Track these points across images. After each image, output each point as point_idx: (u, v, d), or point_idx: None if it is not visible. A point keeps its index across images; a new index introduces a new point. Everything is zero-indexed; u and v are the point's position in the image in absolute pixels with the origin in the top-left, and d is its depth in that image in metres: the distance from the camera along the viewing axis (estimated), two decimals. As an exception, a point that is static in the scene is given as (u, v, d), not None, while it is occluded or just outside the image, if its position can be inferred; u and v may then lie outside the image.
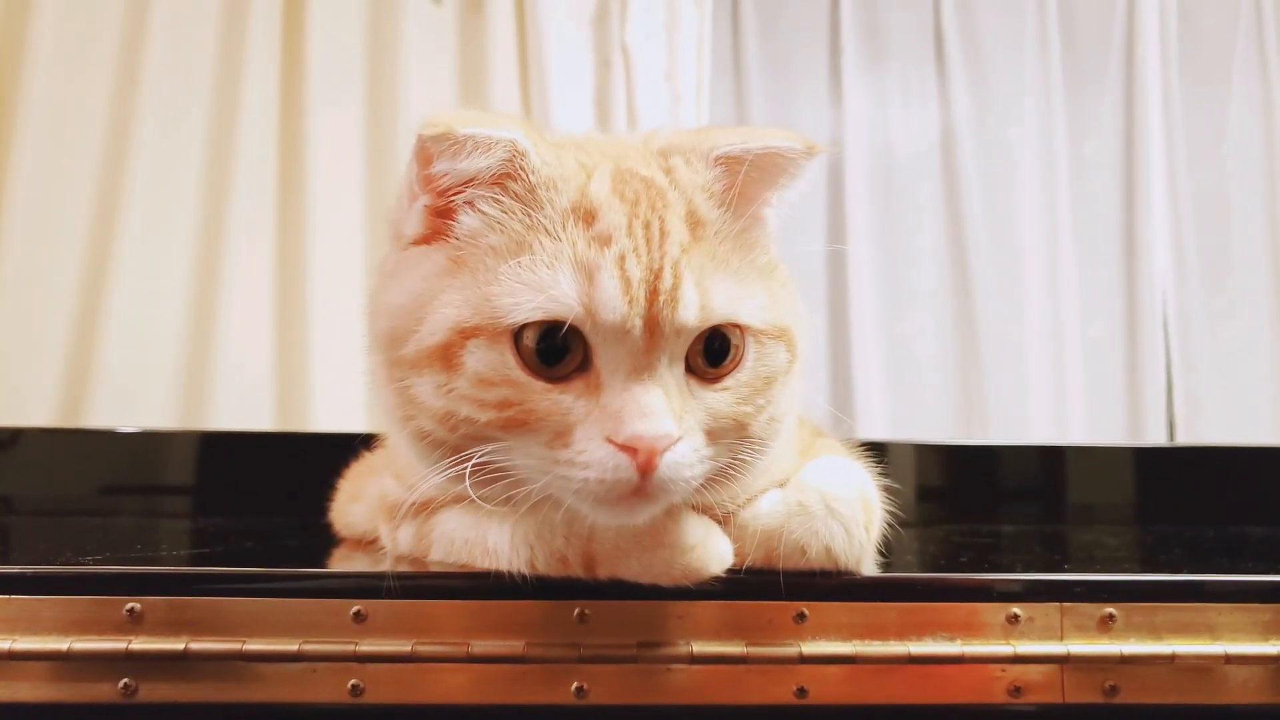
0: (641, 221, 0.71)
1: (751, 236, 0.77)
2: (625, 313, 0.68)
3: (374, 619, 0.80)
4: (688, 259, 0.70)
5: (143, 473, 1.58)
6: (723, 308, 0.71)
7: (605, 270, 0.68)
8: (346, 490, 1.14)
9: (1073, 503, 1.61)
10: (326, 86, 1.87)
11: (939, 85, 2.21)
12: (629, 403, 0.68)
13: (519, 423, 0.70)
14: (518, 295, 0.68)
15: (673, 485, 0.69)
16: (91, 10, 1.83)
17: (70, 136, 1.79)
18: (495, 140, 0.70)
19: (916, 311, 2.15)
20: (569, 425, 0.69)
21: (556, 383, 0.70)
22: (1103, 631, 0.82)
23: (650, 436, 0.67)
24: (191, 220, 1.82)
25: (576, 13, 1.96)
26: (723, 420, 0.72)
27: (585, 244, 0.70)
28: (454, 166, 0.72)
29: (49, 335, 1.74)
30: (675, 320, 0.69)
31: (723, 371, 0.73)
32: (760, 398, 0.74)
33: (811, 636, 0.81)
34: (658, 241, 0.70)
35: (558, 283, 0.68)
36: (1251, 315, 2.15)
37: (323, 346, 1.80)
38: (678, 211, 0.73)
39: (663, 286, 0.69)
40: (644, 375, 0.69)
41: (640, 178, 0.74)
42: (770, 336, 0.75)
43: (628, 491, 0.68)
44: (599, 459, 0.67)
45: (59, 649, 0.78)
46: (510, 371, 0.69)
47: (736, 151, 0.75)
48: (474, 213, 0.73)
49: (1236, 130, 2.21)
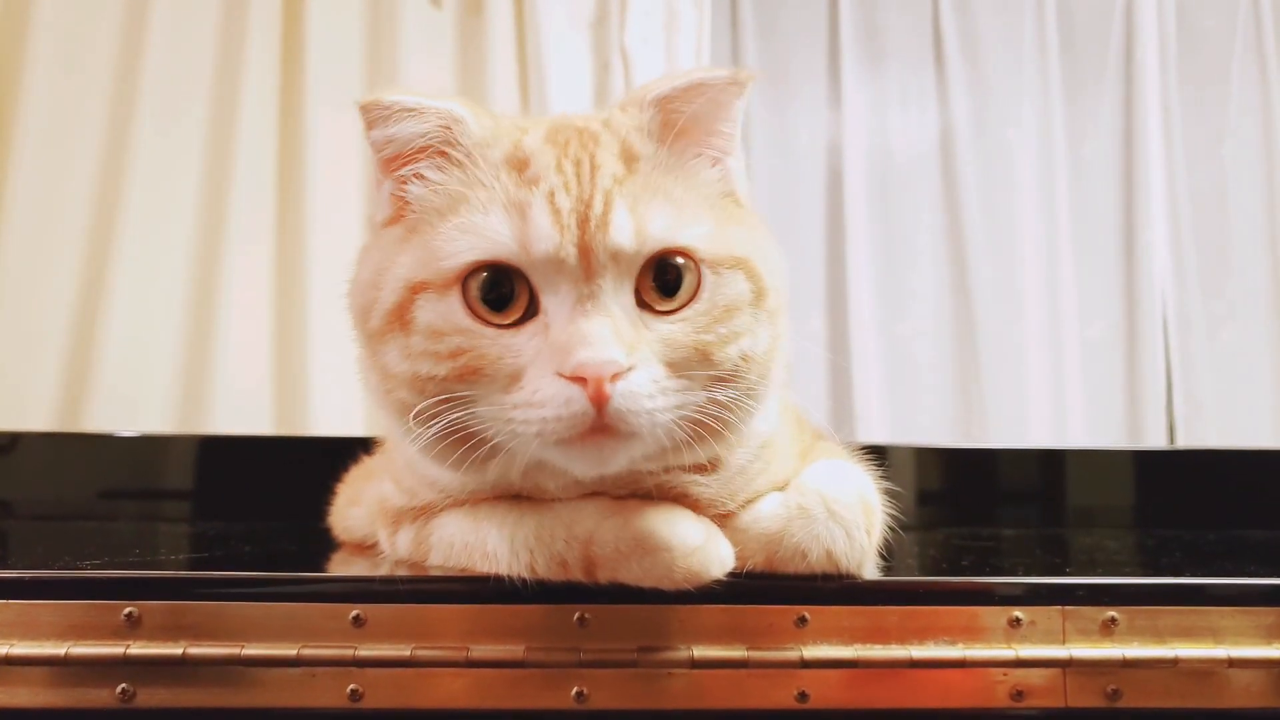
0: (571, 159, 0.73)
1: (696, 171, 0.78)
2: (558, 241, 0.69)
3: (373, 623, 0.80)
4: (621, 188, 0.72)
5: (142, 477, 1.57)
6: (660, 232, 0.72)
7: (535, 205, 0.71)
8: (345, 494, 1.14)
9: (1073, 506, 1.61)
10: (325, 89, 1.87)
11: (938, 87, 2.21)
12: (574, 334, 0.68)
13: (473, 370, 0.71)
14: (456, 242, 0.71)
15: (632, 417, 0.68)
16: (90, 12, 1.82)
17: (69, 140, 1.79)
18: (426, 108, 0.74)
19: (915, 313, 2.15)
20: (521, 368, 0.70)
21: (507, 328, 0.71)
22: (1105, 635, 0.82)
23: (595, 363, 0.67)
24: (190, 223, 1.81)
25: (575, 16, 1.96)
26: (682, 350, 0.72)
27: (515, 186, 0.72)
28: (386, 133, 0.75)
29: (48, 338, 1.74)
30: (609, 243, 0.70)
31: (678, 304, 0.73)
32: (721, 326, 0.73)
33: (813, 640, 0.81)
34: (588, 175, 0.72)
35: (490, 224, 0.71)
36: (1251, 317, 2.15)
37: (321, 350, 1.79)
38: (611, 149, 0.75)
39: (593, 214, 0.70)
40: (587, 305, 0.70)
41: (574, 127, 0.77)
42: (726, 266, 0.75)
43: (586, 427, 0.68)
44: (551, 395, 0.68)
45: (57, 654, 0.78)
46: (459, 320, 0.71)
47: (667, 90, 0.76)
48: (420, 182, 0.76)
49: (1235, 132, 2.21)
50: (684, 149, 0.77)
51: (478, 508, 0.86)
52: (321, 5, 1.89)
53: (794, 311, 0.87)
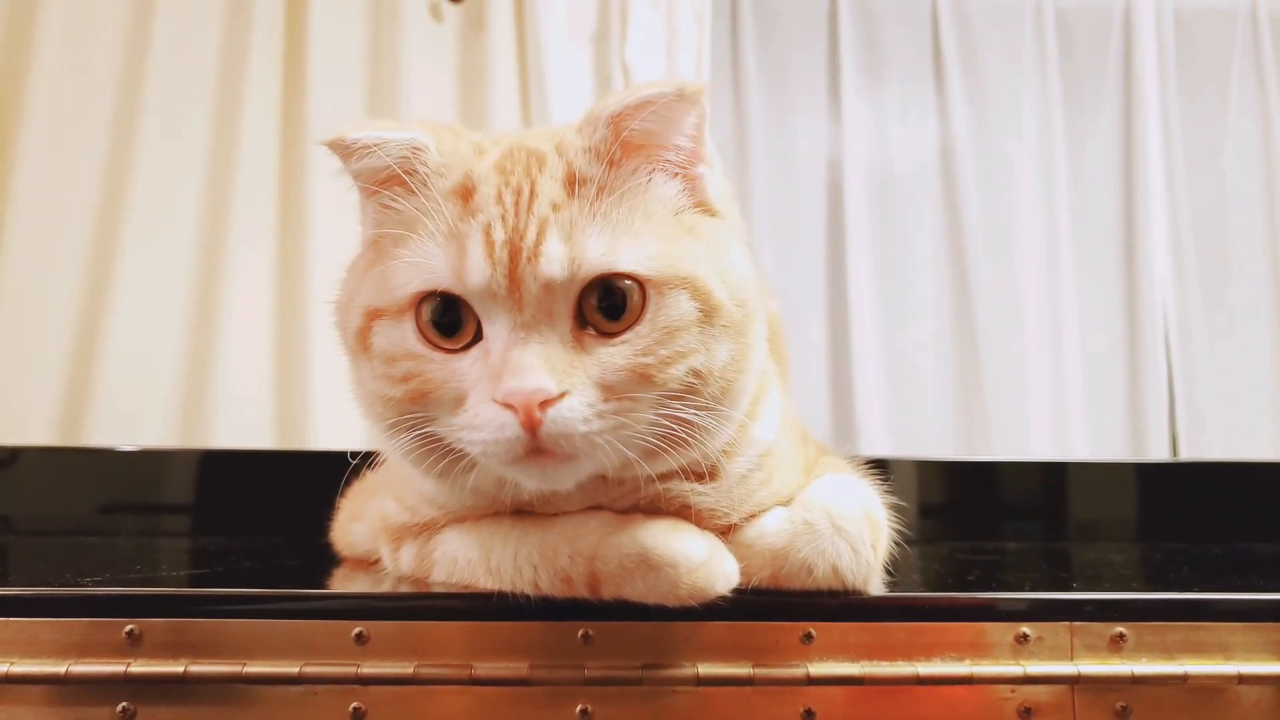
0: (512, 189, 0.73)
1: (648, 189, 0.77)
2: (489, 274, 0.71)
3: (376, 640, 0.80)
4: (558, 216, 0.72)
5: (142, 492, 1.57)
6: (597, 258, 0.72)
7: (472, 238, 0.72)
8: (348, 510, 1.13)
9: (1076, 519, 1.60)
10: (328, 103, 1.87)
11: (937, 100, 2.21)
12: (505, 362, 0.70)
13: (422, 394, 0.73)
14: (405, 273, 0.74)
15: (565, 441, 0.69)
16: (95, 22, 1.83)
17: (71, 153, 1.79)
18: (386, 141, 0.75)
19: (917, 325, 2.15)
20: (465, 391, 0.72)
21: (455, 353, 0.73)
22: (1114, 651, 0.81)
23: (523, 391, 0.68)
24: (192, 237, 1.82)
25: (577, 30, 1.96)
26: (619, 374, 0.72)
27: (458, 218, 0.73)
28: (352, 167, 0.78)
29: (48, 352, 1.74)
30: (539, 274, 0.71)
31: (620, 326, 0.73)
32: (662, 348, 0.72)
33: (819, 657, 0.80)
34: (526, 204, 0.73)
35: (432, 256, 0.73)
36: (1253, 327, 2.15)
37: (323, 363, 1.79)
38: (555, 174, 0.75)
39: (525, 244, 0.71)
40: (523, 334, 0.71)
41: (527, 150, 0.77)
42: (670, 286, 0.74)
43: (523, 450, 0.70)
44: (488, 419, 0.70)
45: (57, 672, 0.77)
46: (410, 345, 0.74)
47: (617, 109, 0.75)
48: (382, 209, 0.78)
49: (1234, 143, 2.22)
50: (635, 167, 0.77)
51: (480, 524, 0.85)
52: (324, 19, 1.89)
53: (795, 323, 0.87)
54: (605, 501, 0.82)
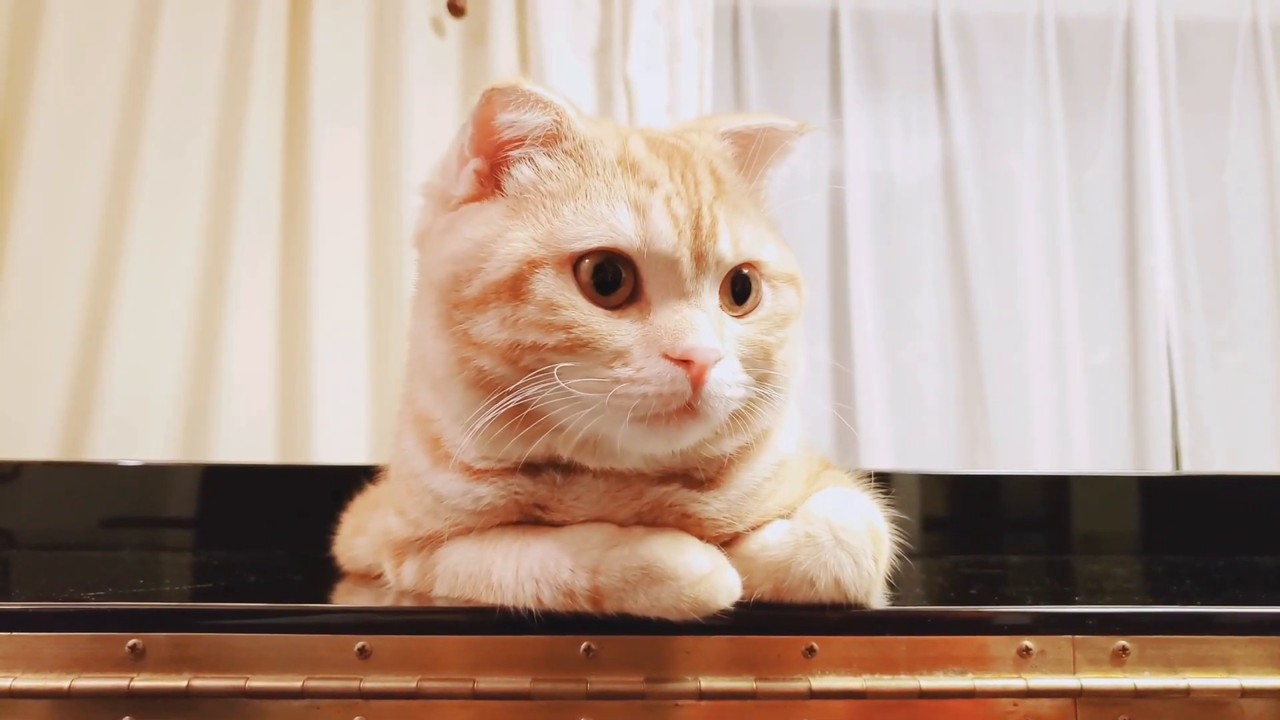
0: (679, 172, 0.81)
1: (759, 199, 0.89)
2: (675, 243, 0.77)
3: (378, 655, 0.80)
4: (719, 205, 0.80)
5: (145, 506, 1.57)
6: (749, 247, 0.81)
7: (655, 208, 0.77)
8: (350, 523, 1.14)
9: (1079, 532, 1.60)
10: (330, 117, 1.88)
11: (939, 114, 2.22)
12: (682, 322, 0.75)
13: (582, 344, 0.75)
14: (582, 228, 0.77)
15: (716, 401, 0.75)
16: (98, 40, 1.84)
17: (75, 169, 1.80)
18: (550, 101, 0.80)
19: (919, 339, 2.14)
20: (625, 347, 0.75)
21: (611, 310, 0.77)
22: (1116, 665, 0.81)
23: (703, 349, 0.74)
24: (195, 252, 1.82)
25: (579, 44, 1.97)
26: (752, 348, 0.80)
27: (635, 186, 0.79)
28: (517, 117, 0.81)
29: (52, 368, 1.74)
30: (716, 252, 0.78)
31: (747, 309, 0.82)
32: (780, 330, 0.82)
33: (821, 671, 0.80)
34: (694, 188, 0.80)
35: (616, 216, 0.77)
36: (1256, 341, 2.15)
37: (326, 379, 1.79)
38: (704, 168, 0.83)
39: (704, 223, 0.78)
40: (690, 300, 0.77)
41: (668, 143, 0.85)
42: (783, 280, 0.84)
43: (680, 405, 0.74)
44: (657, 373, 0.73)
45: (60, 687, 0.77)
46: (574, 297, 0.76)
47: (739, 127, 0.87)
48: (529, 166, 0.81)
49: (1236, 157, 2.22)
50: (750, 177, 0.87)
51: (482, 538, 0.86)
52: (326, 34, 1.90)
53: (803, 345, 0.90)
54: (609, 510, 0.83)
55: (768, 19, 2.22)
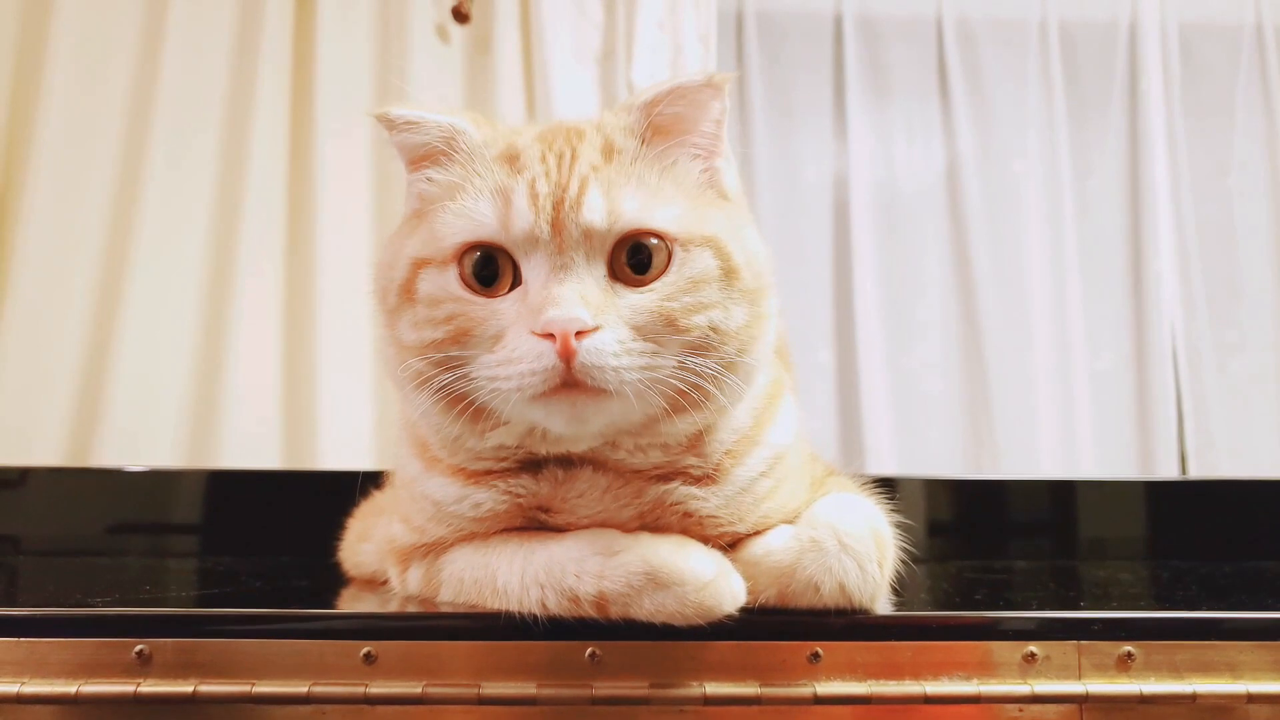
0: (555, 153, 0.82)
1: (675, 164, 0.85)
2: (533, 220, 0.77)
3: (384, 660, 0.80)
4: (597, 175, 0.80)
5: (151, 512, 1.57)
6: (632, 213, 0.79)
7: (517, 191, 0.79)
8: (356, 529, 1.14)
9: (1085, 537, 1.60)
10: (335, 124, 1.88)
11: (943, 119, 2.22)
12: (545, 296, 0.76)
13: (464, 332, 0.78)
14: (451, 225, 0.81)
15: (598, 372, 0.74)
16: (104, 45, 1.85)
17: (80, 175, 1.81)
18: (426, 122, 0.85)
19: (924, 345, 2.14)
20: (503, 330, 0.77)
21: (494, 297, 0.79)
22: (1121, 670, 0.81)
23: (562, 319, 0.73)
24: (200, 259, 1.82)
25: (582, 51, 1.98)
26: (648, 315, 0.77)
27: (505, 175, 0.81)
28: (397, 139, 0.86)
29: (58, 375, 1.74)
30: (580, 221, 0.78)
31: (649, 277, 0.79)
32: (687, 296, 0.79)
33: (826, 676, 0.80)
34: (568, 164, 0.81)
35: (480, 209, 0.80)
36: (1261, 346, 2.14)
37: (331, 385, 1.79)
38: (594, 144, 0.83)
39: (568, 195, 0.78)
40: (560, 274, 0.77)
41: (565, 127, 0.86)
42: (695, 244, 0.81)
43: (557, 381, 0.74)
44: (525, 350, 0.74)
45: (67, 692, 0.77)
46: (454, 290, 0.79)
47: (651, 96, 0.84)
48: (428, 182, 0.86)
49: (1241, 162, 2.22)
50: (665, 145, 0.84)
51: (487, 544, 0.86)
52: (331, 41, 1.91)
53: (802, 343, 0.89)
54: (612, 510, 0.83)
55: (771, 25, 2.22)
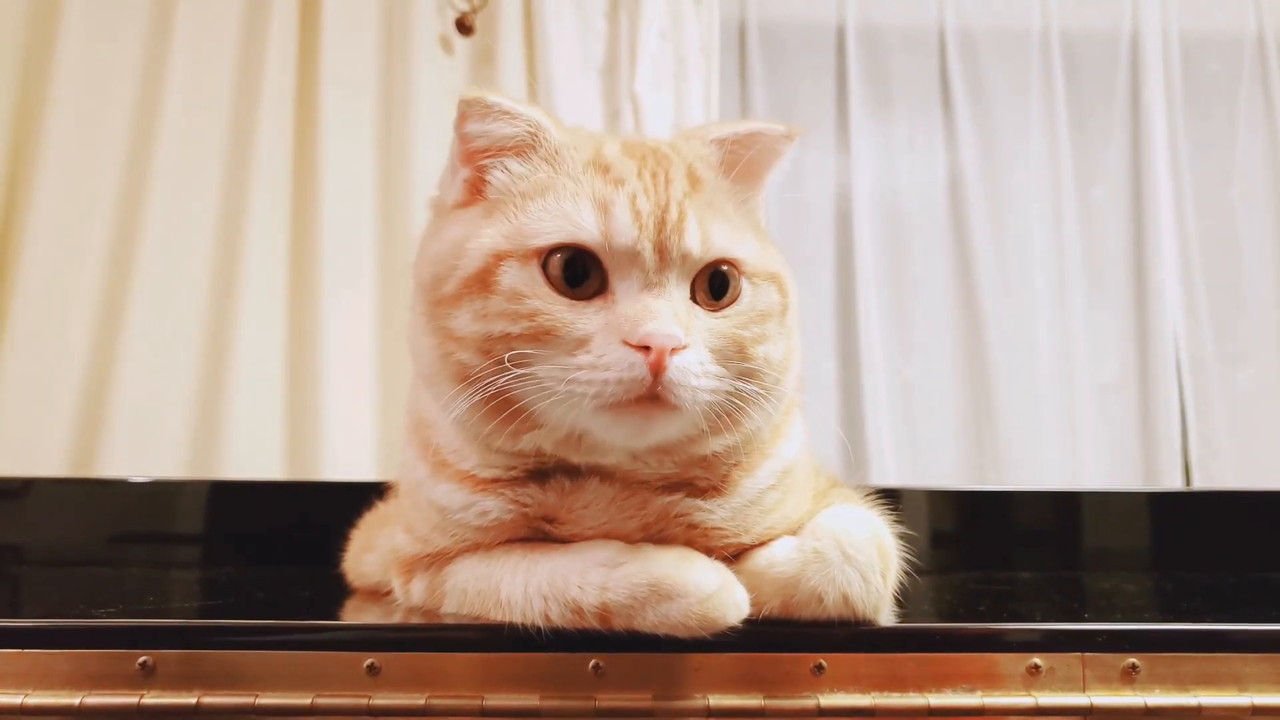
0: (649, 171, 0.83)
1: (745, 202, 0.90)
2: (636, 236, 0.78)
3: (388, 672, 0.80)
4: (689, 201, 0.81)
5: (154, 522, 1.57)
6: (720, 242, 0.81)
7: (619, 204, 0.79)
8: (359, 540, 1.14)
9: (1089, 548, 1.59)
10: (339, 135, 1.89)
11: (945, 129, 2.22)
12: (641, 309, 0.76)
13: (546, 331, 0.77)
14: (545, 223, 0.80)
15: (681, 390, 0.75)
16: (110, 57, 1.86)
17: (85, 189, 1.81)
18: (518, 114, 0.83)
19: (926, 355, 2.14)
20: (588, 334, 0.77)
21: (577, 301, 0.79)
22: (1126, 683, 0.81)
23: (660, 334, 0.74)
24: (204, 269, 1.83)
25: (586, 63, 1.98)
26: (724, 339, 0.80)
27: (603, 184, 0.81)
28: (484, 127, 0.84)
29: (62, 386, 1.75)
30: (681, 245, 0.79)
31: (724, 304, 0.82)
32: (756, 326, 0.82)
33: (830, 688, 0.80)
34: (664, 186, 0.82)
35: (579, 212, 0.79)
36: (1265, 357, 2.14)
37: (335, 396, 1.80)
38: (680, 169, 0.84)
39: (669, 218, 0.80)
40: (655, 290, 0.78)
41: (647, 146, 0.87)
42: (763, 278, 0.85)
43: (642, 393, 0.74)
44: (616, 359, 0.74)
45: (71, 704, 0.77)
46: (538, 288, 0.78)
47: (727, 134, 0.88)
48: (504, 171, 0.84)
49: (1243, 173, 2.22)
50: (736, 183, 0.88)
51: (490, 555, 0.86)
52: (335, 52, 1.91)
53: (805, 355, 0.90)
54: (617, 520, 0.83)
55: (774, 36, 2.23)
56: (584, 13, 2.00)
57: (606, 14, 2.01)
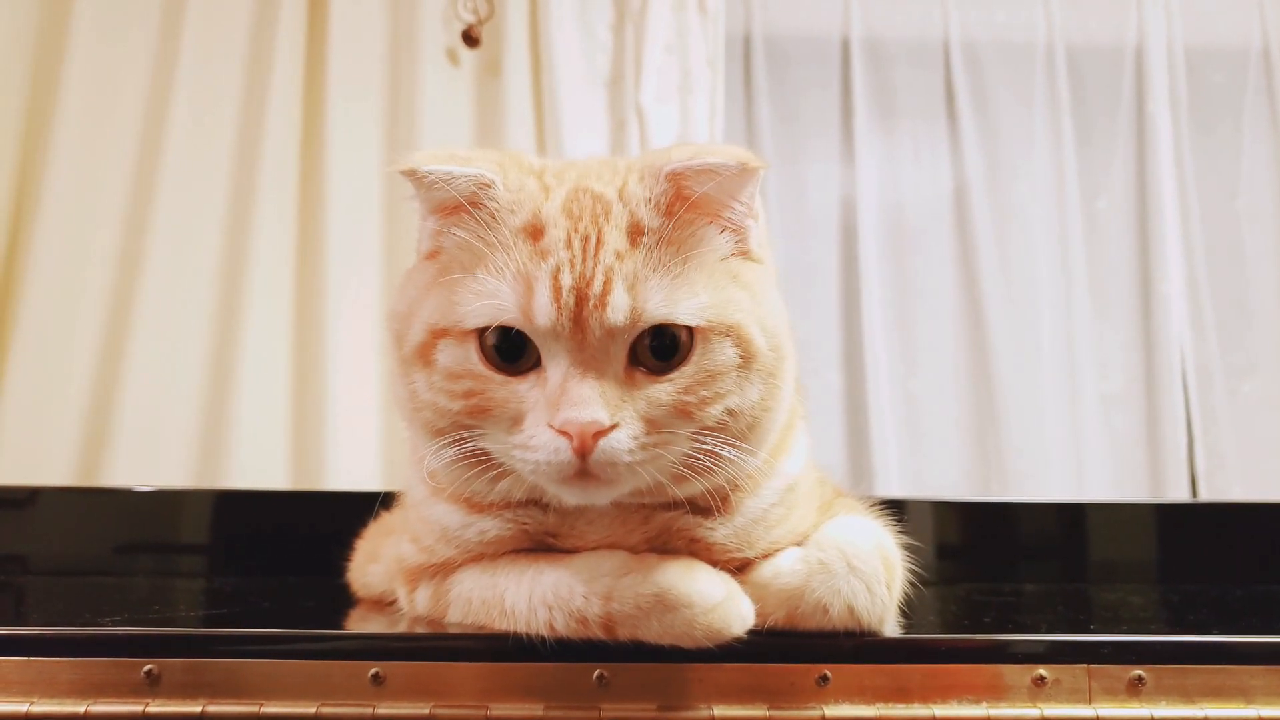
0: (580, 235, 0.78)
1: (702, 240, 0.82)
2: (555, 318, 0.75)
3: (392, 681, 0.80)
4: (622, 265, 0.77)
5: (159, 532, 1.58)
6: (656, 309, 0.77)
7: (540, 281, 0.77)
8: (364, 550, 1.14)
9: (1095, 560, 1.59)
10: (345, 146, 1.90)
11: (950, 141, 2.22)
12: (564, 393, 0.75)
13: (482, 410, 0.78)
14: (471, 303, 0.78)
15: (612, 469, 0.75)
16: (120, 57, 1.87)
17: (92, 198, 1.82)
18: (456, 176, 0.80)
19: (931, 366, 2.14)
20: (522, 413, 0.77)
21: (515, 376, 0.78)
22: (1132, 695, 0.81)
23: (580, 422, 0.73)
24: (210, 279, 1.83)
25: (592, 75, 1.99)
26: (661, 408, 0.77)
27: (528, 257, 0.78)
28: (429, 195, 0.83)
29: (68, 395, 1.75)
30: (604, 322, 0.76)
31: (669, 366, 0.78)
32: (704, 389, 0.78)
33: (834, 699, 0.80)
34: (593, 251, 0.77)
35: (501, 292, 0.77)
36: (1272, 369, 2.13)
37: (340, 407, 1.80)
38: (620, 223, 0.79)
39: (592, 292, 0.76)
40: (582, 369, 0.76)
41: (592, 194, 0.81)
42: (716, 334, 0.79)
43: (572, 472, 0.75)
44: (543, 442, 0.75)
45: (76, 712, 0.78)
46: (473, 366, 0.78)
47: (680, 167, 0.80)
48: (451, 234, 0.83)
49: (1249, 184, 2.21)
50: (692, 221, 0.81)
51: (495, 565, 0.86)
52: (342, 64, 1.92)
53: (809, 366, 0.89)
54: (619, 535, 0.83)
55: (779, 48, 2.24)
56: (589, 25, 2.01)
57: (612, 26, 2.01)
